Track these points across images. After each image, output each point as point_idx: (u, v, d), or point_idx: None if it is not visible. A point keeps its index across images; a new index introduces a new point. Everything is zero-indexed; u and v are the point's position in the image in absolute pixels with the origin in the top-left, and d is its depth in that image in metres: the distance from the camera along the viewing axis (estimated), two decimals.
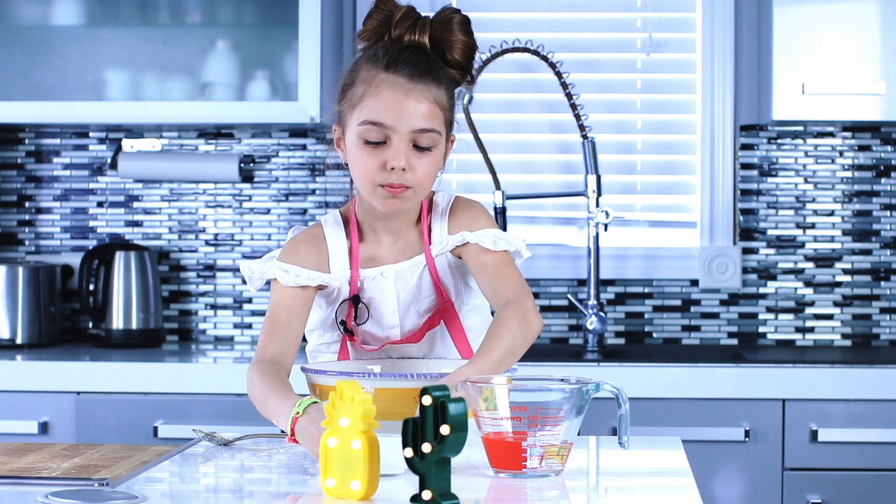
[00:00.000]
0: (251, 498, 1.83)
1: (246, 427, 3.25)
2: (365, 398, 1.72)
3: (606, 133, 3.87)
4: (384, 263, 2.32)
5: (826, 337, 3.86)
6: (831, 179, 3.86)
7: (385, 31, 2.29)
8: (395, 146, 2.21)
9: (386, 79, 2.22)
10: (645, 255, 3.86)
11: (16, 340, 3.74)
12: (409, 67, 2.23)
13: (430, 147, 2.23)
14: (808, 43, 3.53)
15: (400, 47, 2.26)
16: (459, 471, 1.88)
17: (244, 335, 3.96)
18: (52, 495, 1.75)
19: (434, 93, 2.23)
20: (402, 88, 2.22)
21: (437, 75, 2.25)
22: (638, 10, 3.90)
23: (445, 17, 2.28)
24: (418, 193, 2.25)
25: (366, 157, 2.22)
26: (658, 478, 2.01)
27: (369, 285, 2.31)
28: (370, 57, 2.26)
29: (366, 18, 2.32)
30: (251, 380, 2.17)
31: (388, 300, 2.31)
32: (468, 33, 2.29)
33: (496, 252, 2.29)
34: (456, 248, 2.32)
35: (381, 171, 2.22)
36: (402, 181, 2.22)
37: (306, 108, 3.62)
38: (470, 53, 2.29)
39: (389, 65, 2.23)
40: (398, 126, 2.21)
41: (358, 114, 2.23)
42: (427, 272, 2.32)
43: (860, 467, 3.28)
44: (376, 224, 2.33)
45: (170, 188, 3.96)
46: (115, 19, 3.74)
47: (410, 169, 2.22)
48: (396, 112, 2.21)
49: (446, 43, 2.27)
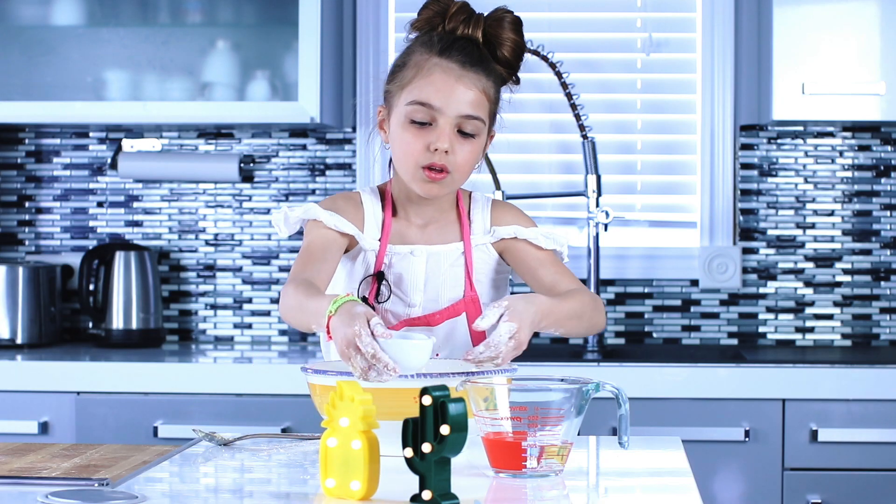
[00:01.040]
0: (251, 498, 1.83)
1: (246, 427, 3.26)
2: (365, 398, 1.72)
3: (606, 133, 3.87)
4: (412, 243, 2.38)
5: (826, 337, 3.86)
6: (831, 179, 3.86)
7: (439, 22, 2.36)
8: (440, 128, 2.28)
9: (439, 63, 2.30)
10: (645, 255, 3.86)
11: (16, 340, 3.74)
12: (462, 55, 2.30)
13: (474, 134, 2.30)
14: (808, 43, 3.54)
15: (454, 36, 2.34)
16: (459, 471, 1.88)
17: (244, 335, 3.96)
18: (52, 495, 1.75)
19: (483, 83, 2.31)
20: (454, 73, 2.29)
21: (488, 67, 2.32)
22: (638, 10, 3.90)
23: (498, 15, 2.36)
24: (456, 179, 2.32)
25: (410, 138, 2.30)
26: (658, 478, 2.01)
27: (397, 262, 2.36)
28: (424, 42, 2.34)
29: (421, 9, 2.40)
30: (286, 294, 2.21)
31: (416, 279, 2.35)
32: (519, 33, 2.37)
33: (547, 250, 2.38)
34: (502, 240, 2.39)
35: (425, 152, 2.29)
36: (444, 162, 2.28)
37: (306, 108, 3.62)
38: (519, 53, 2.37)
39: (443, 50, 2.31)
40: (446, 109, 2.28)
41: (407, 94, 2.30)
42: (463, 260, 2.37)
43: (860, 467, 3.28)
44: (409, 206, 2.39)
45: (170, 188, 3.96)
46: (115, 19, 3.74)
47: (452, 153, 2.28)
48: (446, 95, 2.28)
49: (497, 40, 2.35)
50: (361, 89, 3.90)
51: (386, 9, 3.92)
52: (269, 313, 3.95)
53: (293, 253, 3.94)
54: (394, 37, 3.93)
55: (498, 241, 2.40)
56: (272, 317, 3.95)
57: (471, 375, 2.01)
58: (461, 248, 2.39)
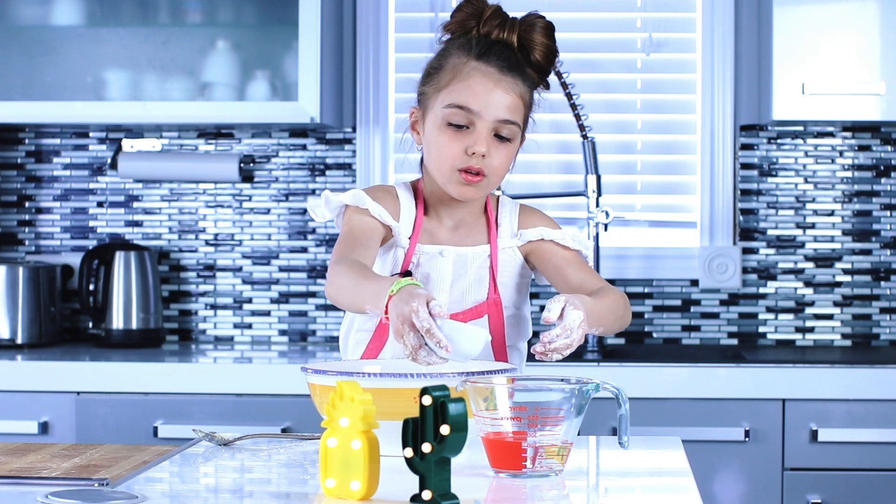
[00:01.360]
0: (251, 498, 1.83)
1: (246, 427, 3.26)
2: (365, 398, 1.72)
3: (606, 133, 3.87)
4: (441, 244, 2.39)
5: (826, 337, 3.86)
6: (831, 179, 3.86)
7: (473, 25, 2.37)
8: (478, 132, 2.30)
9: (477, 67, 2.31)
10: (645, 255, 3.86)
11: (16, 340, 3.74)
12: (500, 60, 2.32)
13: (510, 139, 2.33)
14: (808, 43, 3.54)
15: (491, 40, 2.35)
16: (459, 471, 1.88)
17: (244, 335, 3.96)
18: (52, 495, 1.75)
19: (520, 87, 2.33)
20: (493, 78, 2.31)
21: (524, 72, 2.35)
22: (638, 10, 3.90)
23: (531, 20, 2.38)
24: (491, 183, 2.33)
25: (447, 140, 2.31)
26: (658, 478, 2.01)
27: (425, 261, 2.37)
28: (462, 45, 2.34)
29: (454, 11, 2.40)
30: (337, 273, 2.20)
31: (443, 280, 2.36)
32: (551, 38, 2.39)
33: (573, 250, 2.41)
34: (529, 243, 2.40)
35: (462, 156, 2.30)
36: (481, 166, 2.29)
37: (306, 108, 3.62)
38: (551, 58, 2.39)
39: (481, 54, 2.32)
40: (484, 113, 2.29)
41: (444, 96, 2.31)
42: (489, 263, 2.38)
43: (860, 467, 3.28)
44: (441, 207, 2.40)
45: (170, 188, 3.96)
46: (115, 19, 3.74)
47: (489, 156, 2.30)
48: (485, 99, 2.29)
49: (531, 44, 2.36)
50: (361, 89, 3.90)
51: (386, 9, 3.92)
52: (269, 313, 3.95)
53: (293, 253, 3.94)
54: (394, 37, 3.93)
55: (524, 244, 2.42)
56: (272, 317, 3.95)
57: (471, 375, 2.01)
58: (488, 250, 2.40)
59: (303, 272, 3.94)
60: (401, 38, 3.94)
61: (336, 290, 2.21)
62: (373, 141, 3.91)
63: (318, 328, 3.94)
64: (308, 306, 3.93)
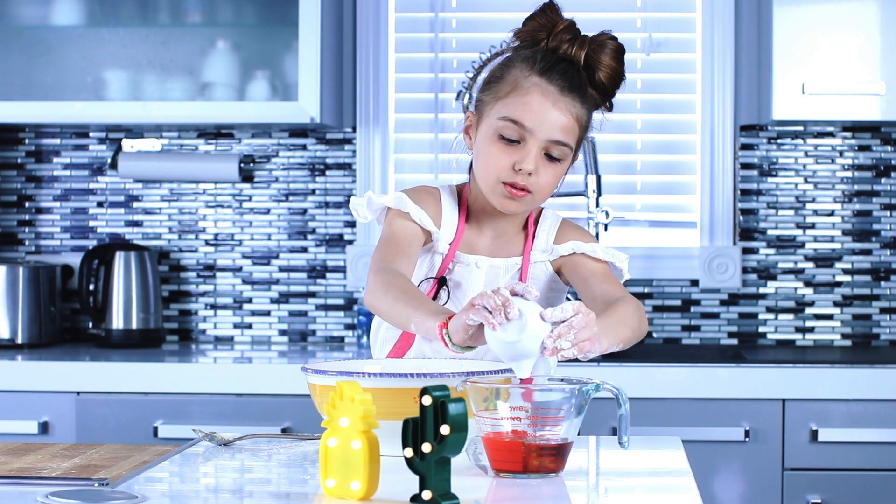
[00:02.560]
0: (251, 498, 1.83)
1: (246, 427, 3.26)
2: (365, 398, 1.72)
3: (606, 133, 3.86)
4: (479, 253, 2.37)
5: (826, 337, 3.86)
6: (831, 179, 3.86)
7: (543, 37, 2.33)
8: (528, 149, 2.26)
9: (538, 83, 2.27)
10: (645, 255, 3.86)
11: (16, 340, 3.74)
12: (562, 79, 2.28)
13: (560, 159, 2.29)
14: (808, 43, 3.54)
15: (557, 57, 2.31)
16: (459, 471, 1.88)
17: (244, 335, 3.96)
18: (52, 495, 1.75)
19: (578, 110, 2.29)
20: (552, 97, 2.27)
21: (585, 94, 2.31)
22: (638, 10, 3.90)
23: (602, 40, 2.35)
24: (536, 200, 2.30)
25: (497, 152, 2.28)
26: (658, 478, 2.01)
27: (460, 269, 2.35)
28: (527, 57, 2.30)
29: (527, 19, 2.36)
30: (379, 284, 2.17)
31: (473, 290, 2.34)
32: (620, 61, 2.36)
33: (603, 262, 2.37)
34: (560, 257, 2.37)
35: (509, 170, 2.26)
36: (526, 183, 2.26)
37: (306, 108, 3.62)
38: (616, 80, 2.37)
39: (544, 71, 2.28)
40: (538, 131, 2.26)
41: (501, 108, 2.28)
42: (518, 276, 2.36)
43: (860, 467, 3.28)
44: (484, 216, 2.37)
45: (170, 188, 3.97)
46: (115, 19, 3.74)
47: (536, 174, 2.27)
48: (540, 117, 2.26)
49: (598, 65, 2.33)
50: (361, 89, 3.90)
51: (386, 9, 3.92)
52: (269, 313, 3.95)
53: (293, 253, 3.94)
54: (394, 37, 3.93)
55: (556, 259, 2.38)
56: (272, 317, 3.95)
57: (471, 375, 2.01)
58: (519, 262, 2.37)
59: (303, 272, 3.94)
60: (401, 38, 3.94)
61: (379, 302, 2.18)
62: (373, 141, 3.91)
63: (318, 328, 3.94)
64: (308, 306, 3.93)
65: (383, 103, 3.91)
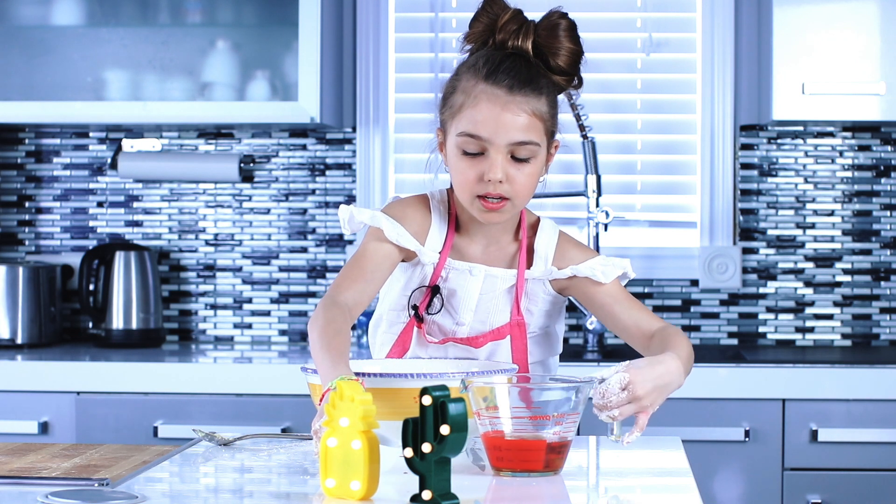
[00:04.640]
0: (251, 498, 1.83)
1: (246, 427, 3.26)
2: (365, 398, 1.72)
3: (606, 133, 3.87)
4: (471, 261, 2.33)
5: (826, 337, 3.86)
6: (831, 179, 3.86)
7: (490, 35, 2.27)
8: (492, 158, 2.21)
9: (485, 90, 2.21)
10: (645, 255, 3.86)
11: (16, 340, 3.74)
12: (509, 78, 2.21)
13: (529, 158, 2.22)
14: (808, 43, 3.54)
15: (501, 56, 2.24)
16: (459, 471, 1.88)
17: (244, 335, 3.96)
18: (52, 495, 1.75)
19: (533, 104, 2.22)
20: (500, 101, 2.20)
21: (538, 85, 2.23)
22: (638, 10, 3.90)
23: (551, 22, 2.27)
24: (517, 205, 2.26)
25: (464, 168, 2.23)
26: (658, 478, 2.01)
27: (454, 277, 2.32)
28: (471, 66, 2.25)
29: (472, 21, 2.29)
30: (316, 320, 2.13)
31: (469, 298, 2.31)
32: (574, 39, 2.29)
33: (611, 283, 2.32)
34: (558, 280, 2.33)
35: (479, 182, 2.22)
36: (500, 192, 2.22)
37: (306, 108, 3.62)
38: (576, 60, 2.29)
39: (489, 75, 2.21)
40: (495, 139, 2.20)
41: (457, 124, 2.23)
42: (514, 289, 2.32)
43: (860, 467, 3.28)
44: (472, 224, 2.33)
45: (170, 188, 3.97)
46: (115, 19, 3.74)
47: (508, 181, 2.22)
48: (493, 125, 2.20)
49: (551, 49, 2.26)
50: (361, 89, 3.90)
51: (386, 9, 3.92)
52: (269, 313, 3.95)
53: (293, 253, 3.94)
54: (394, 37, 3.93)
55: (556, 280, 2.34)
56: (272, 317, 3.95)
57: (471, 375, 2.01)
58: (515, 276, 2.32)
59: (303, 272, 3.94)
60: (401, 38, 3.94)
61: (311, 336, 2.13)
62: (373, 141, 3.91)
63: None
64: (308, 306, 3.93)
65: (383, 103, 3.91)
